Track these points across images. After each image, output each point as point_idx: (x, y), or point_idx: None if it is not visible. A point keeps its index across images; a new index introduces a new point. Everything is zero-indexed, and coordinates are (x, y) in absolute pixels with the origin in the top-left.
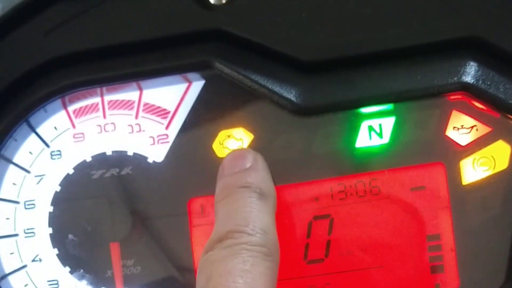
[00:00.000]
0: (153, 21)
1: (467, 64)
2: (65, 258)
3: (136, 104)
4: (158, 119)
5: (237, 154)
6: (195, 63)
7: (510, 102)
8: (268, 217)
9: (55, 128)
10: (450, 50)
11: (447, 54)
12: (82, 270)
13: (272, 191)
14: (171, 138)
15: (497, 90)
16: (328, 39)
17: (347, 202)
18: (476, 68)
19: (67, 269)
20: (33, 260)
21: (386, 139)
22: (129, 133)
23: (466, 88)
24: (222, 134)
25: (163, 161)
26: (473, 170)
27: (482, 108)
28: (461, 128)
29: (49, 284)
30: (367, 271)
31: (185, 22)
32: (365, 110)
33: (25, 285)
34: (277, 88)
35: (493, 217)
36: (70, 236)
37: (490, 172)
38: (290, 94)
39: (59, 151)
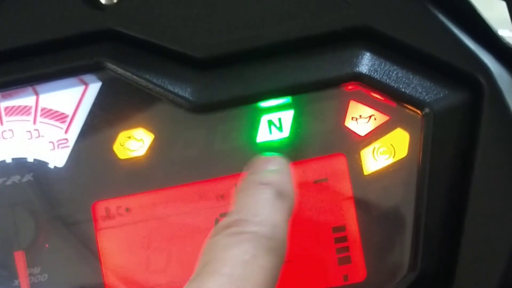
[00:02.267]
0: (44, 24)
1: (360, 54)
2: None
3: (33, 110)
4: (57, 123)
5: (266, 158)
6: (87, 65)
7: (403, 90)
8: (281, 216)
9: None
10: (344, 41)
11: (341, 45)
12: None
13: (291, 195)
14: (71, 142)
15: (390, 79)
16: (221, 34)
17: None
18: (369, 57)
19: None
20: None
21: (286, 133)
22: (28, 139)
23: (360, 78)
24: (122, 135)
25: (64, 165)
26: (374, 160)
27: (379, 98)
28: (360, 118)
29: None
30: None
31: (77, 23)
32: (264, 104)
33: None
34: (171, 86)
35: (395, 206)
36: None
37: (390, 161)
38: (186, 92)
39: None
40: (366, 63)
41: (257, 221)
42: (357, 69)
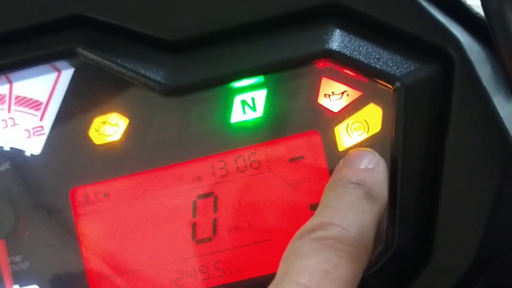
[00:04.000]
0: (15, 11)
1: (330, 31)
2: None
3: (7, 98)
4: (32, 111)
5: (362, 153)
6: (59, 51)
7: (374, 65)
8: (370, 218)
9: None
10: (314, 19)
11: (311, 23)
12: None
13: (383, 197)
14: (47, 130)
15: (360, 54)
16: (191, 16)
17: (229, 178)
18: (339, 34)
19: None
20: None
21: (260, 112)
22: (4, 127)
23: (331, 55)
24: (97, 120)
25: (41, 153)
26: (348, 136)
27: (350, 74)
28: (332, 94)
29: None
30: (256, 245)
31: (48, 10)
32: (236, 84)
33: None
34: (143, 70)
35: None
36: None
37: (365, 136)
38: (158, 76)
39: None
40: (336, 39)
41: (344, 224)
42: (328, 46)
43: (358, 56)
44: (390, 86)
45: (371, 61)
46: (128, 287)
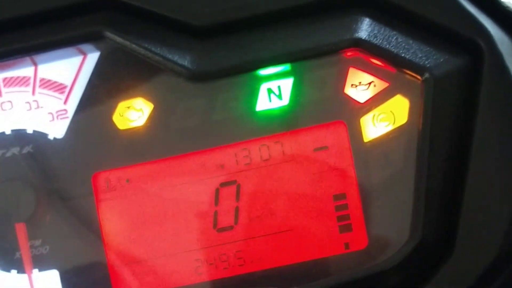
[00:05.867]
0: None
1: (359, 20)
2: None
3: (32, 80)
4: (56, 94)
5: None
6: (86, 34)
7: (403, 55)
8: None
9: None
10: (343, 7)
11: (340, 11)
12: None
13: None
14: (70, 113)
15: (390, 44)
16: (219, 2)
17: (253, 166)
18: (369, 23)
19: None
20: None
21: (286, 100)
22: (27, 110)
23: (359, 44)
24: (122, 105)
25: (64, 137)
26: (374, 127)
27: (378, 64)
28: (359, 85)
29: None
30: (277, 235)
31: None
32: (263, 72)
33: None
34: (171, 55)
35: (395, 173)
36: None
37: (390, 128)
38: (185, 61)
39: None
40: (365, 28)
41: None
42: (357, 34)
43: (387, 46)
44: (419, 77)
45: (401, 51)
46: (148, 274)
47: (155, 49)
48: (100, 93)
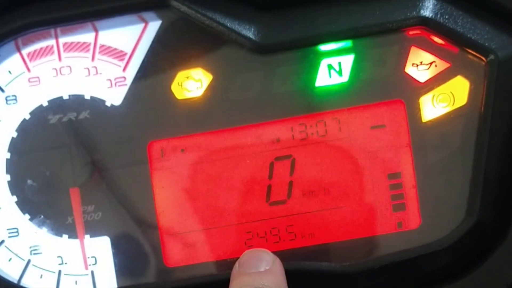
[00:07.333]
0: None
1: None
2: (24, 205)
3: (92, 46)
4: (115, 61)
5: (256, 255)
6: (150, 2)
7: (468, 36)
8: None
9: (9, 72)
10: None
11: None
12: (42, 217)
13: None
14: (129, 81)
15: (456, 24)
16: None
17: (308, 142)
18: (435, 2)
19: (27, 216)
20: None
21: (345, 77)
22: (86, 76)
23: (425, 22)
24: (181, 75)
25: (121, 104)
26: (433, 107)
27: (440, 44)
28: (420, 64)
29: (9, 233)
30: (330, 211)
31: None
32: (324, 47)
33: None
34: (235, 26)
35: (453, 154)
36: (29, 181)
37: (449, 109)
38: (249, 32)
39: (14, 95)
40: (431, 7)
41: None
42: (423, 13)
43: (453, 26)
44: (483, 58)
45: (466, 31)
46: (198, 245)
47: (220, 19)
48: (160, 62)
